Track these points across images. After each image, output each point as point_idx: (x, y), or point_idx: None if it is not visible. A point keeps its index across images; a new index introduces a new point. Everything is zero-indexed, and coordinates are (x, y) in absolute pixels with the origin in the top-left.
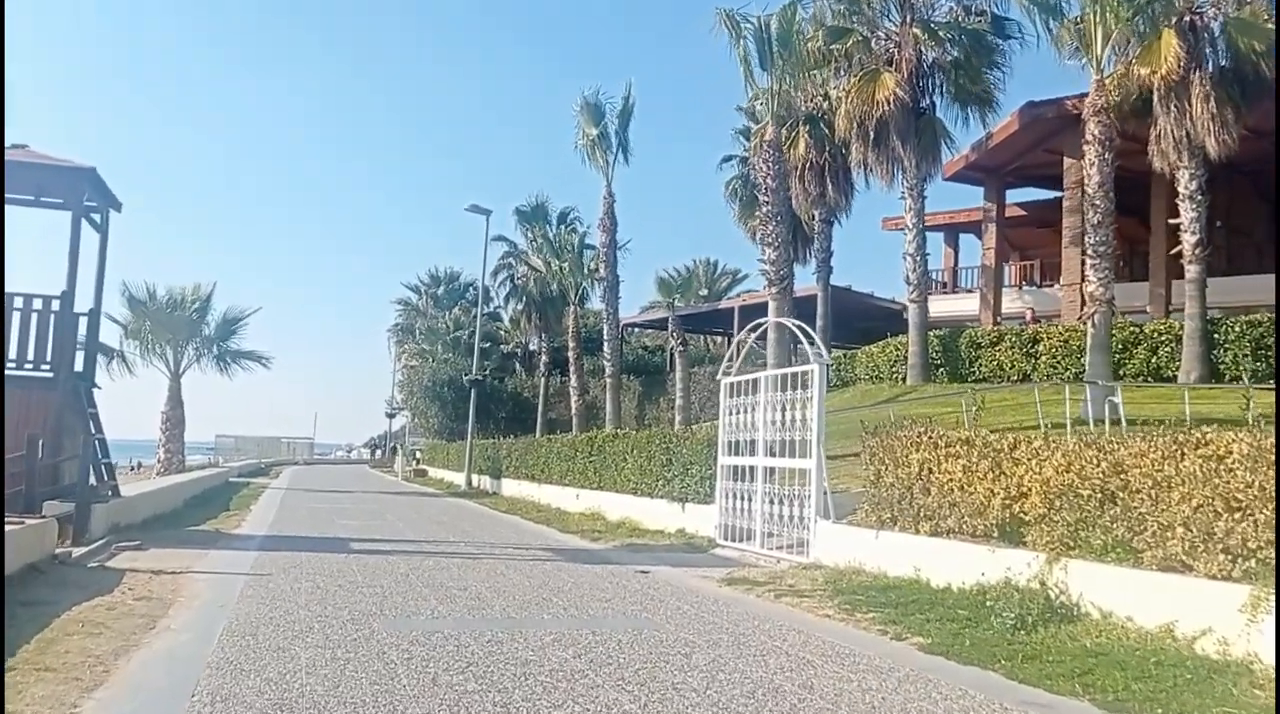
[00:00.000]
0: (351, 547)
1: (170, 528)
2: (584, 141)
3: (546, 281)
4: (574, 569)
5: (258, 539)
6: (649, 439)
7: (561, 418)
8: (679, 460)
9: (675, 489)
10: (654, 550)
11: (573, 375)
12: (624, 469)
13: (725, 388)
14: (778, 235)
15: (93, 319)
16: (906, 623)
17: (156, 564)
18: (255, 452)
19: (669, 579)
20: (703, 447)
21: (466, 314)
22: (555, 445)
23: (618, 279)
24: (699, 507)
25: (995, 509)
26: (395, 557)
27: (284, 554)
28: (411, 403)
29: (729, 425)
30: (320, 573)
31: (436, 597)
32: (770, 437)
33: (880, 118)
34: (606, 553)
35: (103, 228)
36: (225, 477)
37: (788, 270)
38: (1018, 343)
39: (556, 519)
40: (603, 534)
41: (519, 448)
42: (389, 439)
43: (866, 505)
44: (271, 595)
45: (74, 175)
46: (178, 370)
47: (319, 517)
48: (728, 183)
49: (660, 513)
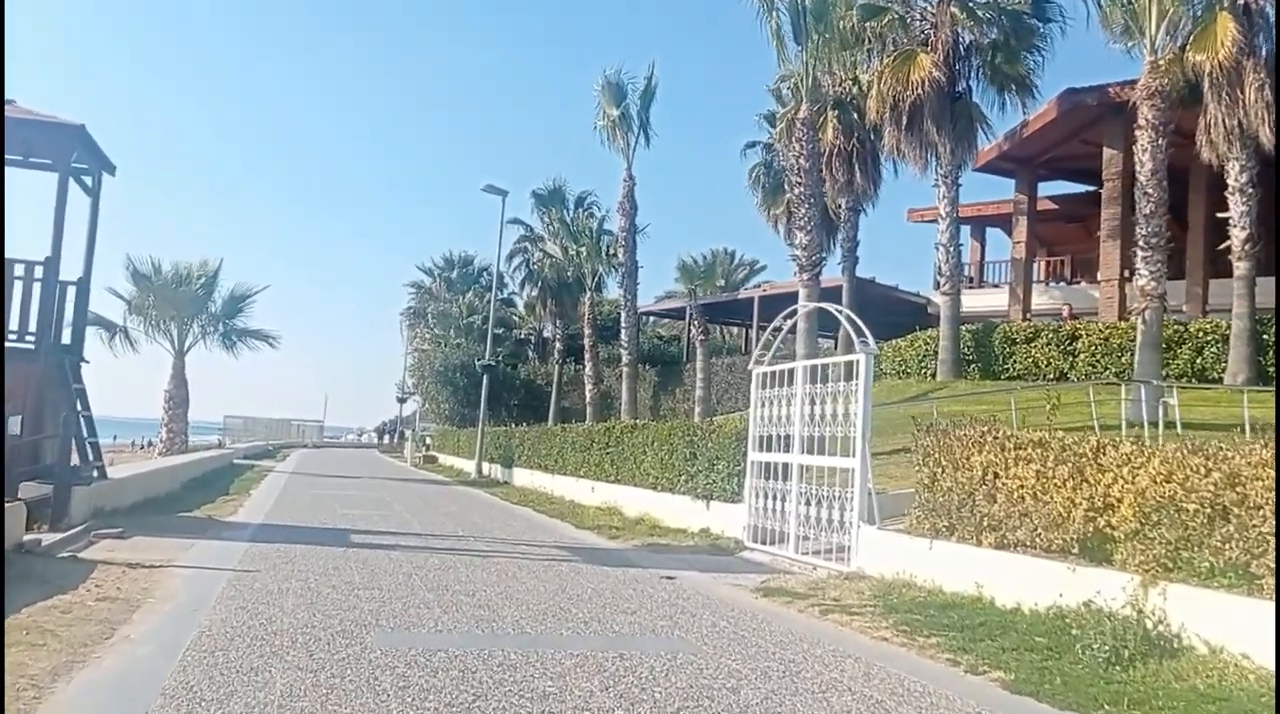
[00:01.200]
0: (352, 539)
1: (160, 513)
2: (604, 122)
3: (563, 267)
4: (593, 572)
5: (252, 528)
6: (671, 431)
7: (575, 407)
8: (704, 455)
9: (699, 486)
10: (677, 552)
11: (588, 363)
12: (643, 462)
13: (757, 379)
14: (810, 219)
15: (81, 289)
16: (978, 651)
17: (135, 555)
18: (264, 434)
19: (698, 587)
20: (730, 441)
21: (480, 299)
22: (570, 435)
23: (636, 264)
24: (725, 505)
25: (1076, 521)
26: (398, 552)
27: (278, 546)
28: (423, 388)
29: (760, 419)
30: (314, 570)
31: (441, 604)
32: (807, 432)
33: (914, 101)
34: (627, 554)
35: (94, 191)
36: (230, 458)
37: (819, 256)
38: (1055, 340)
39: (571, 513)
40: (621, 532)
41: (532, 436)
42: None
43: (917, 511)
44: (255, 598)
45: (61, 133)
46: (182, 348)
47: (321, 504)
48: (751, 169)
49: (682, 510)
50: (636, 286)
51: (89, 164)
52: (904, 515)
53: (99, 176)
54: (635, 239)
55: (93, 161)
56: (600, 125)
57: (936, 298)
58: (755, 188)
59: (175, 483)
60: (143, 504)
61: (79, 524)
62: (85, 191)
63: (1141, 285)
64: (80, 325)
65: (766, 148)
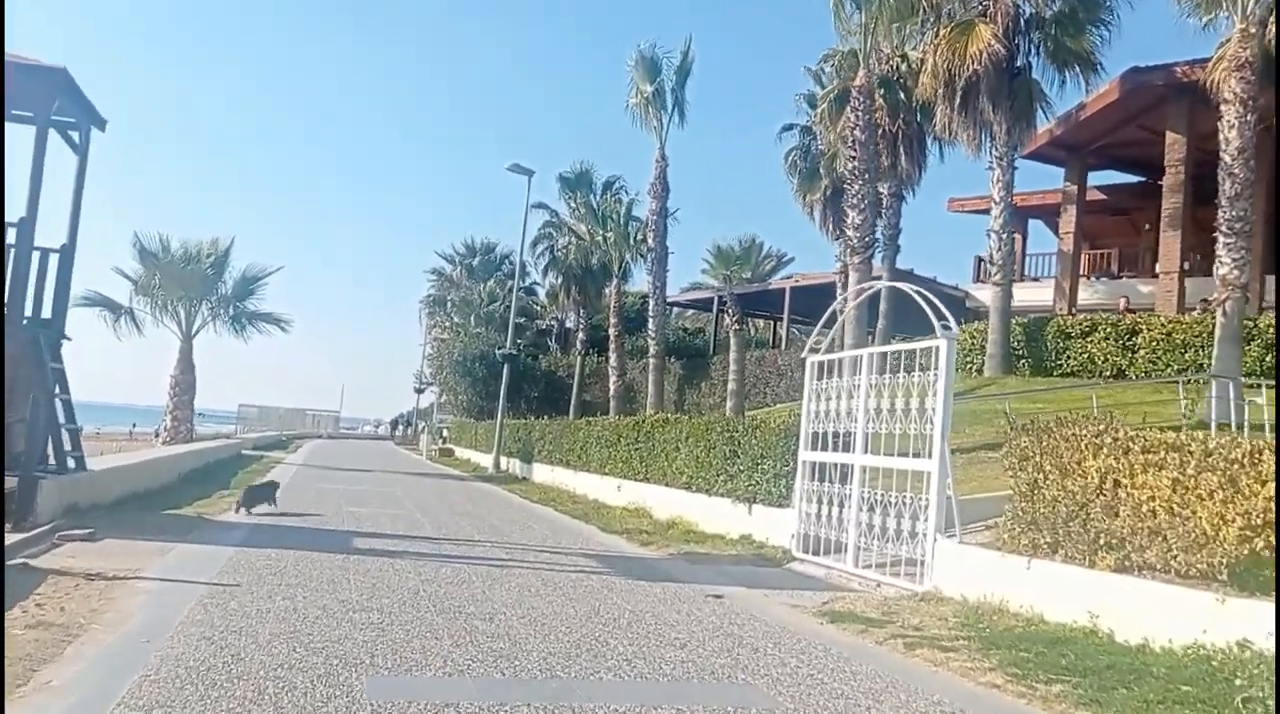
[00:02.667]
0: (355, 544)
1: (146, 510)
2: (637, 100)
3: (588, 253)
4: (629, 589)
5: (244, 529)
6: (708, 427)
7: (596, 400)
8: (747, 453)
9: (740, 487)
10: (718, 563)
11: (612, 354)
12: (676, 460)
13: (811, 368)
14: (864, 197)
15: (65, 257)
16: (1117, 705)
17: (100, 562)
18: (278, 423)
19: (751, 608)
20: (778, 438)
21: (501, 287)
22: (595, 429)
23: (667, 250)
24: (770, 510)
25: (1227, 542)
26: (406, 561)
27: (268, 553)
28: (440, 378)
29: (814, 414)
30: (305, 584)
31: (452, 632)
32: (872, 429)
33: (971, 76)
34: (663, 564)
35: (82, 148)
36: (238, 448)
37: (872, 237)
38: (1113, 334)
39: (596, 514)
40: (653, 537)
41: (554, 430)
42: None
43: (1010, 523)
44: (226, 623)
45: (38, 77)
46: (189, 331)
47: (327, 501)
48: (787, 153)
49: (721, 514)
50: (666, 273)
51: (76, 118)
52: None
53: (87, 132)
54: (666, 224)
55: (80, 114)
56: (633, 103)
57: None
58: (791, 173)
59: (172, 475)
60: (129, 499)
61: (45, 523)
62: (73, 148)
63: (1223, 274)
64: (63, 298)
65: (804, 131)
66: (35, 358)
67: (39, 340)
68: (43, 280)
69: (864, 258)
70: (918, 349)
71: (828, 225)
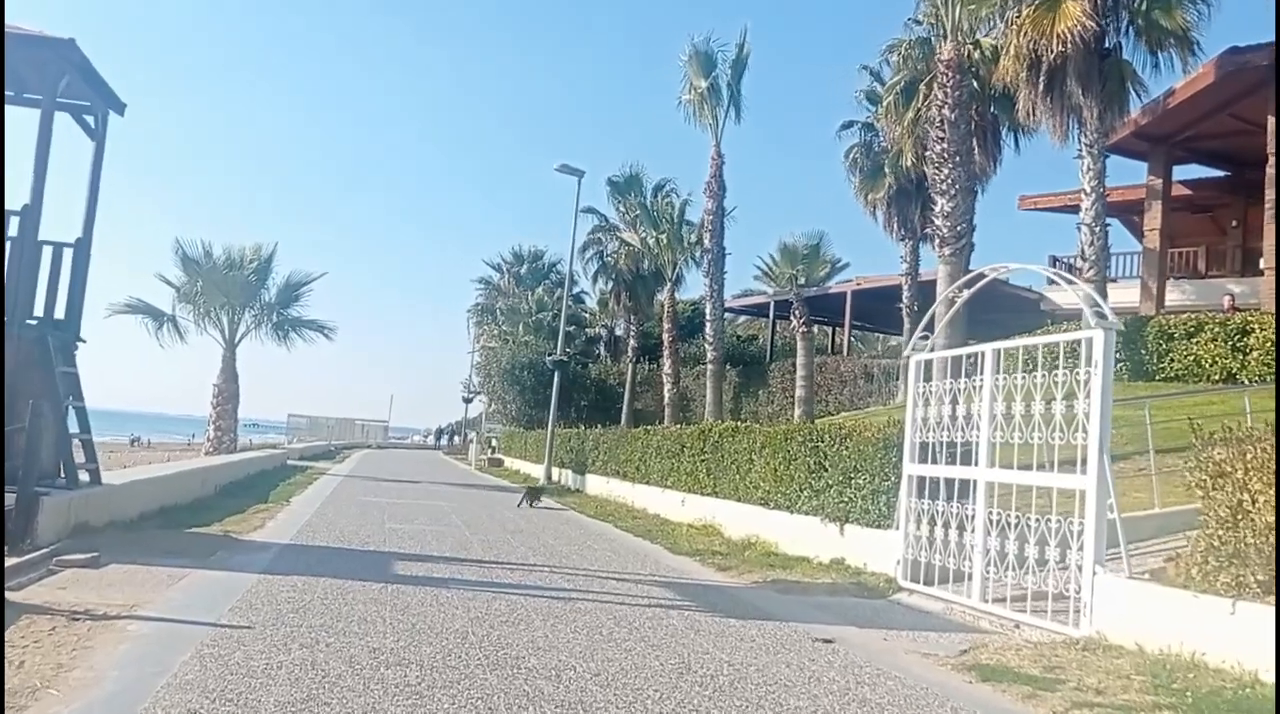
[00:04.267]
0: (395, 569)
1: (169, 527)
2: (691, 96)
3: (639, 257)
4: (718, 630)
5: (272, 551)
6: (787, 436)
7: (647, 409)
8: (837, 466)
9: (829, 504)
10: (812, 593)
11: (666, 361)
12: (750, 473)
13: (916, 369)
14: (954, 182)
15: (80, 252)
16: None
17: (93, 596)
18: (327, 434)
19: (873, 657)
20: (875, 449)
21: (550, 295)
22: (654, 438)
23: (724, 251)
24: (866, 531)
25: None
26: (452, 592)
27: (295, 580)
28: (489, 387)
29: (920, 421)
30: (331, 625)
31: (509, 697)
32: (1000, 437)
33: (1057, 57)
34: (748, 595)
35: (98, 133)
36: (283, 459)
37: (965, 225)
38: (1221, 334)
39: (660, 532)
40: (729, 560)
41: (608, 440)
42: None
43: (1204, 555)
44: (223, 688)
45: (41, 50)
46: (233, 339)
47: (368, 516)
48: (847, 152)
49: (805, 534)
50: (724, 275)
51: (91, 100)
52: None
53: (104, 116)
54: (723, 223)
55: (95, 96)
56: (686, 99)
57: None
58: (852, 171)
59: (207, 487)
60: (154, 514)
61: (46, 545)
62: (89, 134)
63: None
64: (77, 297)
65: (865, 128)
66: (42, 361)
67: (47, 342)
68: (56, 277)
69: (955, 249)
70: (1061, 342)
71: (892, 225)
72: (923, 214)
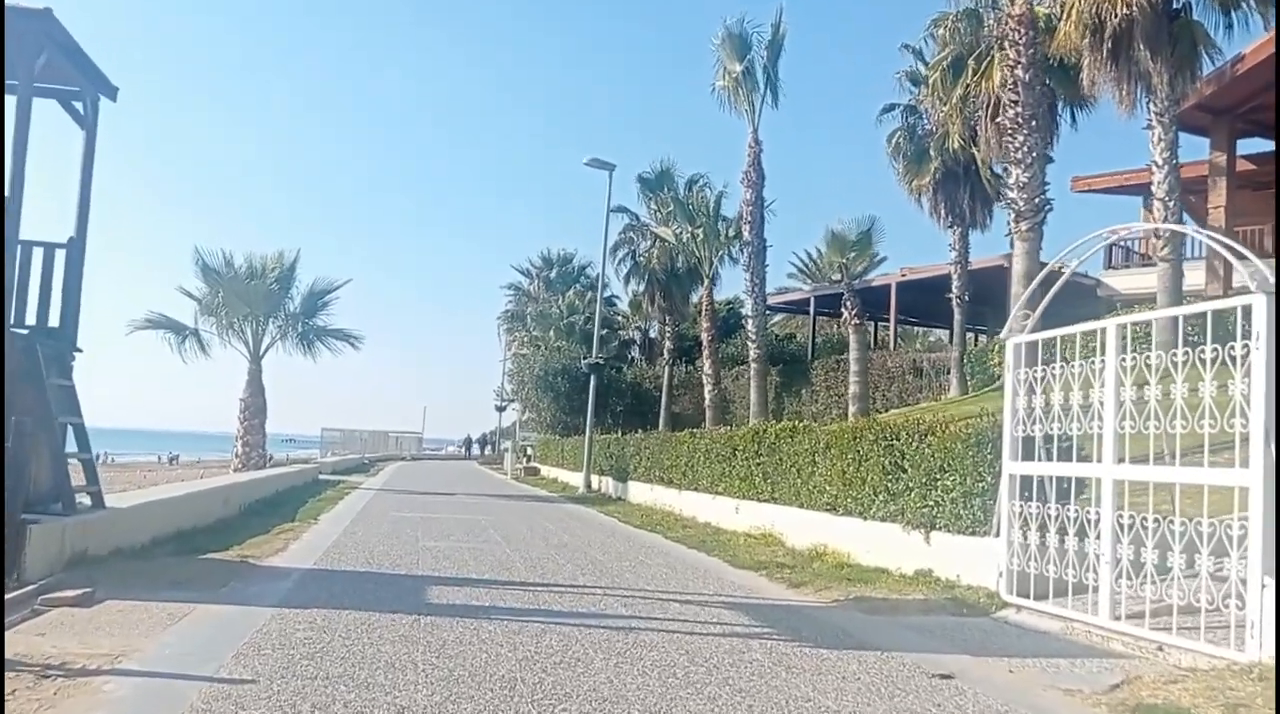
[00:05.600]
0: (429, 597)
1: (183, 553)
2: (725, 81)
3: (673, 255)
4: (812, 665)
5: (293, 579)
6: (857, 434)
7: (684, 412)
8: (918, 466)
9: (910, 509)
10: (902, 611)
11: (706, 361)
12: (813, 476)
13: (1014, 353)
14: (1032, 147)
15: (73, 253)
16: None
17: (74, 643)
18: (361, 446)
19: (1006, 696)
20: (966, 446)
21: (581, 298)
22: (703, 442)
23: (765, 243)
24: (957, 538)
25: None
26: (495, 625)
27: (315, 615)
28: (522, 394)
29: (1022, 412)
30: (351, 675)
31: None
32: (1129, 428)
33: (1123, 20)
34: (833, 617)
35: (88, 121)
36: (314, 474)
37: (1042, 197)
38: None
39: (715, 543)
40: (800, 574)
41: (651, 444)
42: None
43: None
44: None
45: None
46: (258, 351)
47: (401, 534)
48: (890, 137)
49: (882, 543)
50: (765, 268)
51: (79, 85)
52: None
53: (94, 102)
54: (763, 213)
55: (82, 78)
56: (720, 85)
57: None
58: (895, 157)
59: (230, 507)
60: (169, 539)
61: (36, 579)
62: (78, 122)
63: None
64: (72, 302)
65: (908, 110)
66: (30, 373)
67: (35, 352)
68: (48, 281)
69: (1034, 224)
70: (1209, 312)
71: (939, 211)
72: (972, 198)
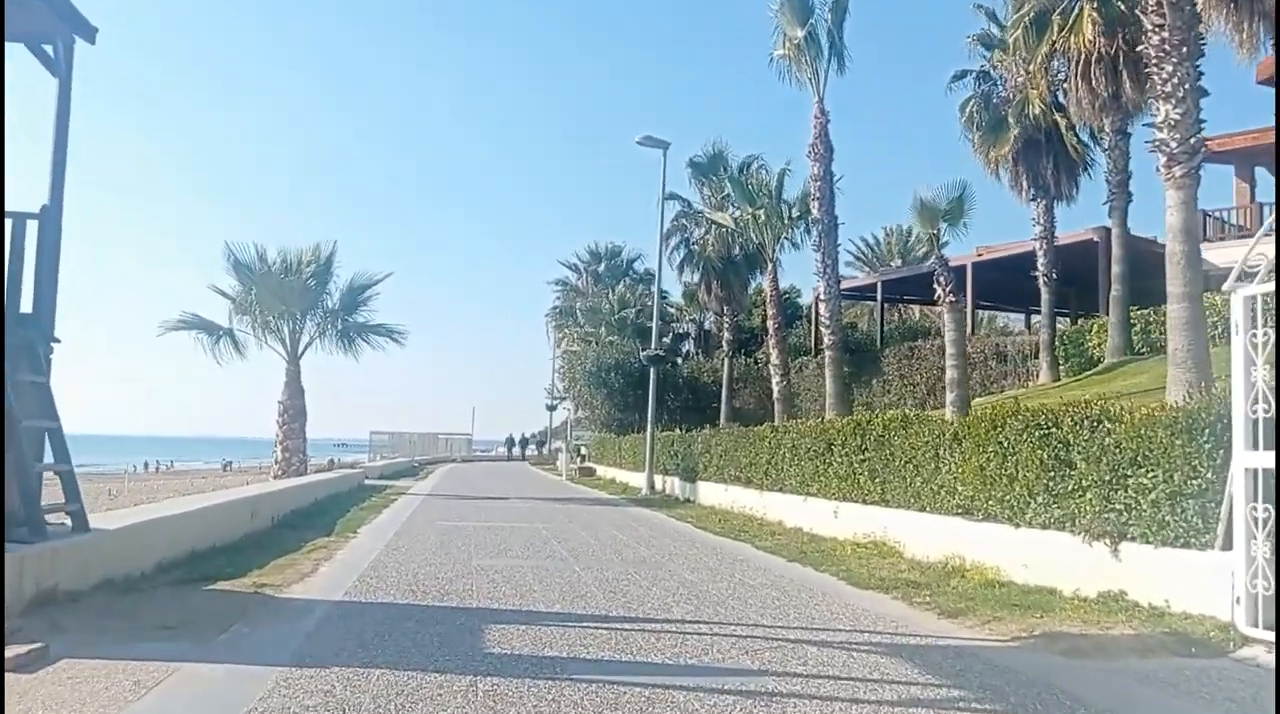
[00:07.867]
0: (487, 643)
1: (190, 581)
2: (785, 49)
3: (729, 242)
4: None
5: (315, 617)
6: (998, 422)
7: (746, 406)
8: (1097, 460)
9: (1086, 514)
10: (1112, 653)
11: (773, 351)
12: (936, 474)
13: (1244, 308)
14: (1184, 79)
15: (47, 225)
16: None
17: None
18: (410, 449)
19: None
20: (1172, 433)
21: (632, 292)
22: (787, 437)
23: (836, 221)
24: (1161, 551)
25: None
26: (578, 690)
27: (333, 680)
28: (574, 391)
29: (1263, 387)
30: None
31: None
32: None
33: None
34: (1030, 665)
35: (61, 67)
36: (359, 479)
37: (1198, 133)
38: None
39: (818, 554)
40: (945, 598)
41: (723, 441)
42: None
43: None
44: None
45: None
46: (295, 350)
47: (451, 549)
48: (963, 105)
49: (1044, 556)
50: (837, 248)
51: (48, 24)
52: None
53: (69, 45)
54: (833, 189)
55: (52, 17)
56: (779, 54)
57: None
58: (969, 127)
59: (260, 520)
60: (179, 562)
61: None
62: (49, 69)
63: None
64: (47, 283)
65: (980, 76)
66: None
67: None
68: (19, 259)
69: (1189, 169)
70: None
71: (1020, 183)
72: (1056, 168)
